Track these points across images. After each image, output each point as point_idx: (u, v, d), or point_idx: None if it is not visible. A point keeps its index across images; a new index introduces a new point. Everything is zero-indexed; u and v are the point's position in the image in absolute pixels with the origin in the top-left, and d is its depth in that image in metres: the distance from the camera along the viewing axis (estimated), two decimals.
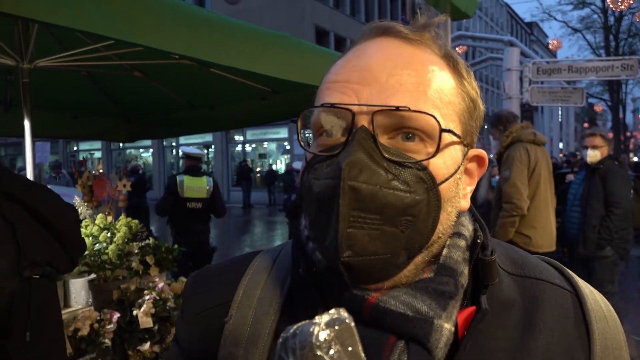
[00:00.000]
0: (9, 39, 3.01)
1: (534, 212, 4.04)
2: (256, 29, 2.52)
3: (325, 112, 0.63)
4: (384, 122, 0.60)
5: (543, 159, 4.13)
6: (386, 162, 0.58)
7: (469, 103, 0.67)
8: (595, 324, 0.66)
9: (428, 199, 0.60)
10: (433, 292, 0.61)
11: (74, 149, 30.91)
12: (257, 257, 0.78)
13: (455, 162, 0.64)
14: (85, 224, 3.34)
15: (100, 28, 1.76)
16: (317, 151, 0.64)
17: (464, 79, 0.67)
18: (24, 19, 1.77)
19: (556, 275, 0.72)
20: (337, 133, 0.62)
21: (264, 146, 25.40)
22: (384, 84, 0.61)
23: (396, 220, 0.58)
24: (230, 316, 0.70)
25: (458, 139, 0.64)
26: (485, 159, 0.71)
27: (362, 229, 0.56)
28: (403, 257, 0.60)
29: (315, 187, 0.61)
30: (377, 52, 0.64)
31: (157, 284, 3.04)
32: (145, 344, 2.84)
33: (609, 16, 31.53)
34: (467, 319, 0.63)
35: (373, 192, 0.57)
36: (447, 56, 0.67)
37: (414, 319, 0.59)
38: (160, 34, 1.99)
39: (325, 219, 0.58)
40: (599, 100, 39.89)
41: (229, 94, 4.17)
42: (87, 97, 4.57)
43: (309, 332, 0.45)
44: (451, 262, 0.64)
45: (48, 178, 12.61)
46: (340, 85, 0.63)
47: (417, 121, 0.59)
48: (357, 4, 27.48)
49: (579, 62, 9.77)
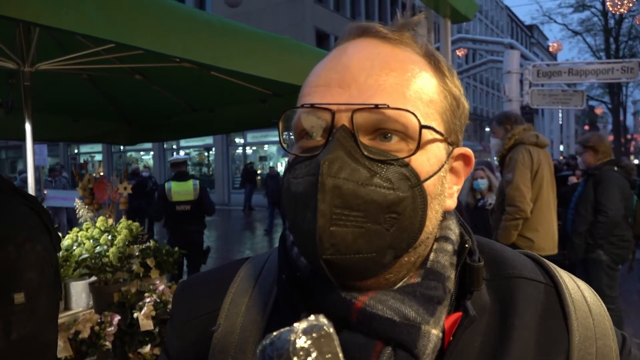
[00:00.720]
0: (11, 42, 3.03)
1: (536, 215, 4.03)
2: (257, 31, 2.53)
3: (306, 113, 0.62)
4: (364, 122, 0.59)
5: (545, 161, 4.12)
6: (367, 160, 0.58)
7: (452, 101, 0.66)
8: (574, 314, 0.66)
9: (413, 196, 0.59)
10: (421, 297, 0.61)
11: (74, 151, 30.94)
12: (245, 263, 0.78)
13: (439, 160, 0.64)
14: (86, 226, 3.35)
15: (101, 31, 1.77)
16: (299, 152, 0.63)
17: (445, 77, 0.67)
18: (26, 23, 1.77)
19: (532, 269, 0.71)
20: (317, 134, 0.62)
21: (264, 149, 25.40)
22: (362, 84, 0.60)
23: (380, 217, 0.57)
24: (219, 325, 0.70)
25: (441, 137, 0.64)
26: (471, 158, 0.70)
27: (345, 226, 0.56)
28: (389, 256, 0.59)
29: (293, 186, 0.60)
30: (356, 52, 0.63)
31: (157, 286, 3.04)
32: (145, 346, 2.84)
33: (609, 19, 31.56)
34: (453, 326, 0.62)
35: (354, 188, 0.56)
36: (428, 55, 0.66)
37: (402, 325, 0.58)
38: (161, 37, 1.99)
39: (304, 217, 0.58)
40: (599, 102, 39.88)
41: (230, 96, 4.18)
42: (88, 100, 4.58)
43: (286, 339, 0.44)
44: (438, 267, 0.64)
45: (44, 182, 12.57)
46: (320, 88, 0.63)
47: (397, 119, 0.59)
48: (357, 6, 27.54)
49: (579, 65, 9.78)
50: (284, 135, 0.65)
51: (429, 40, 0.67)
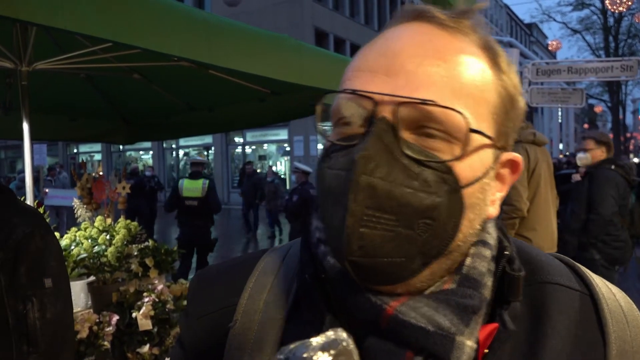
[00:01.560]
0: (8, 42, 3.01)
1: (534, 214, 4.01)
2: (255, 30, 2.52)
3: (346, 99, 0.58)
4: (407, 116, 0.55)
5: (543, 159, 4.10)
6: (406, 159, 0.54)
7: (506, 101, 0.61)
8: (612, 326, 0.61)
9: (449, 202, 0.55)
10: (456, 305, 0.57)
11: (73, 151, 30.91)
12: (263, 257, 0.74)
13: (484, 165, 0.59)
14: (84, 226, 3.34)
15: (98, 31, 1.76)
16: (336, 140, 0.59)
17: (503, 73, 0.61)
18: (22, 22, 1.77)
19: (567, 275, 0.66)
20: (356, 122, 0.58)
21: (264, 148, 25.39)
22: (411, 74, 0.55)
23: (414, 222, 0.53)
24: (236, 321, 0.67)
25: (489, 141, 0.58)
26: (519, 164, 0.65)
27: (375, 229, 0.52)
28: (417, 262, 0.56)
29: (327, 177, 0.57)
30: (408, 38, 0.58)
31: (156, 286, 3.03)
32: (144, 346, 2.83)
33: (608, 17, 31.56)
34: (488, 337, 0.59)
35: (390, 189, 0.52)
36: (486, 47, 0.61)
37: (435, 335, 0.54)
38: (158, 36, 1.98)
39: (334, 213, 0.54)
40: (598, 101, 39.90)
41: (228, 95, 4.17)
42: (86, 99, 4.56)
43: (302, 356, 0.41)
44: (475, 274, 0.60)
45: (44, 181, 12.58)
46: (365, 73, 0.58)
47: (444, 118, 0.54)
48: (356, 5, 27.49)
49: (578, 63, 9.77)
50: (320, 122, 0.62)
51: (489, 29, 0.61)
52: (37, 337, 1.37)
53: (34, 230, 1.44)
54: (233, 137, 25.19)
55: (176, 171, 27.67)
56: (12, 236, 1.40)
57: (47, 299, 1.41)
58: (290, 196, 7.78)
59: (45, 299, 1.41)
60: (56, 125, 4.90)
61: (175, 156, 27.94)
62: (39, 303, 1.39)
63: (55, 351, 1.42)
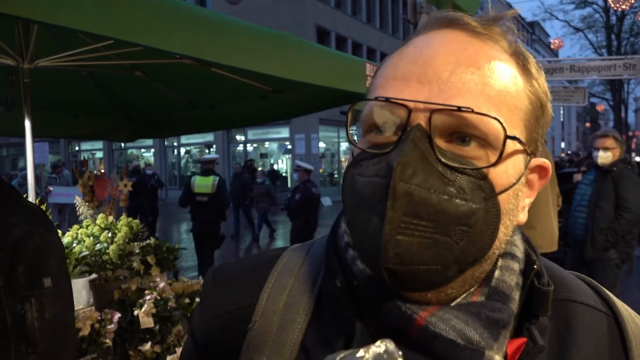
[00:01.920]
0: (10, 39, 3.01)
1: (532, 213, 3.94)
2: (257, 28, 2.51)
3: (379, 107, 0.58)
4: (442, 123, 0.55)
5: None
6: (442, 166, 0.53)
7: (537, 107, 0.61)
8: (636, 350, 0.62)
9: (486, 209, 0.55)
10: (486, 319, 0.56)
11: (75, 149, 30.93)
12: (282, 256, 0.73)
13: (517, 171, 0.59)
14: (86, 224, 3.34)
15: (100, 28, 1.75)
16: (366, 147, 0.59)
17: (533, 79, 0.61)
18: (23, 20, 1.77)
19: (591, 296, 0.67)
20: (389, 130, 0.57)
21: (265, 146, 25.39)
22: (445, 81, 0.55)
23: (450, 229, 0.53)
24: (254, 322, 0.66)
25: (522, 147, 0.59)
26: (548, 170, 0.65)
27: (412, 236, 0.52)
28: (453, 269, 0.55)
29: (359, 184, 0.56)
30: (441, 45, 0.58)
31: (158, 283, 3.03)
32: (146, 344, 2.83)
33: (610, 15, 31.47)
34: (516, 352, 0.58)
35: (426, 197, 0.52)
36: (517, 53, 0.61)
37: (465, 348, 0.54)
38: (160, 33, 1.98)
39: (369, 220, 0.54)
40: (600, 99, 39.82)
41: (230, 93, 4.17)
42: (88, 96, 4.56)
43: None
44: (504, 287, 0.59)
45: (48, 178, 12.61)
46: (398, 81, 0.58)
47: (479, 125, 0.54)
48: (358, 3, 27.45)
49: (580, 62, 9.75)
50: (350, 130, 0.61)
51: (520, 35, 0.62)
52: (36, 337, 1.35)
53: (33, 229, 1.42)
54: (234, 135, 25.19)
55: (177, 169, 27.68)
56: (10, 235, 1.37)
57: (46, 299, 1.39)
58: (292, 194, 7.80)
59: (44, 299, 1.39)
60: (58, 122, 4.90)
61: (177, 154, 27.95)
62: (38, 303, 1.37)
63: (55, 351, 1.41)
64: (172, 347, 2.89)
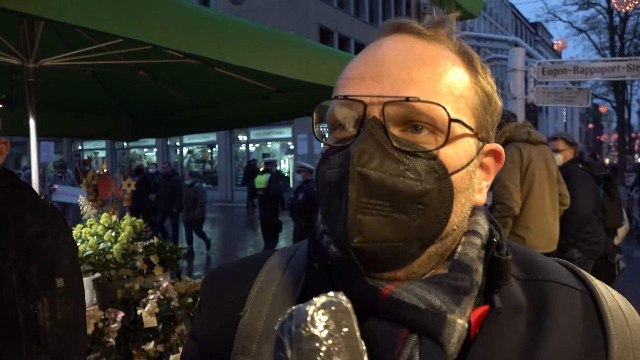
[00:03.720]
0: (15, 38, 3.02)
1: (527, 213, 3.97)
2: (261, 28, 2.52)
3: (339, 104, 0.65)
4: (394, 114, 0.61)
5: (539, 158, 4.04)
6: (397, 151, 0.60)
7: (484, 97, 0.68)
8: (612, 323, 0.65)
9: (439, 188, 0.60)
10: (447, 287, 0.62)
11: (78, 148, 31.00)
12: (273, 255, 0.80)
13: (469, 154, 0.65)
14: (89, 223, 3.35)
15: (107, 26, 1.76)
16: (332, 143, 0.65)
17: (478, 74, 0.68)
18: (32, 17, 1.78)
19: (567, 276, 0.71)
20: (349, 125, 0.64)
21: (267, 146, 25.40)
22: (395, 78, 0.62)
23: (406, 207, 0.58)
24: (246, 311, 0.72)
25: (471, 132, 0.65)
26: (502, 154, 0.71)
27: (371, 214, 0.57)
28: (416, 246, 0.61)
29: (327, 176, 0.62)
30: (391, 47, 0.65)
31: (161, 283, 3.04)
32: (149, 343, 2.84)
33: (614, 17, 31.43)
34: (480, 318, 0.63)
35: (382, 178, 0.58)
36: (462, 52, 0.68)
37: (427, 312, 0.59)
38: (167, 32, 1.99)
39: (336, 206, 0.60)
40: (604, 101, 39.75)
41: (233, 93, 4.18)
42: (92, 96, 4.57)
43: (304, 311, 0.45)
44: (466, 259, 0.65)
45: (53, 177, 12.66)
46: (355, 80, 0.65)
47: (427, 112, 0.60)
48: (361, 3, 27.46)
49: (584, 63, 9.73)
50: (318, 127, 0.68)
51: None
52: (47, 337, 1.36)
53: (46, 228, 1.43)
54: (237, 135, 25.21)
55: (180, 168, 27.73)
56: (24, 234, 1.38)
57: (58, 299, 1.40)
58: (295, 194, 7.85)
59: (56, 299, 1.39)
60: (62, 121, 4.91)
61: (179, 153, 27.99)
62: (50, 303, 1.38)
63: (66, 352, 1.41)
64: (175, 346, 2.90)
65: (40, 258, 1.39)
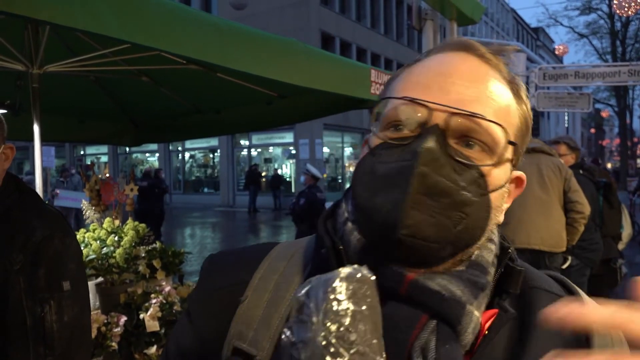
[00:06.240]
0: (19, 45, 3.05)
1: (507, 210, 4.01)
2: (263, 34, 2.54)
3: (404, 105, 0.66)
4: (457, 126, 0.64)
5: (530, 163, 4.09)
6: (453, 160, 0.63)
7: (524, 125, 0.72)
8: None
9: (481, 202, 0.64)
10: (467, 280, 0.64)
11: (80, 153, 31.03)
12: (277, 246, 0.81)
13: (506, 176, 0.70)
14: (92, 227, 3.36)
15: (115, 32, 1.78)
16: (388, 139, 0.67)
17: (523, 103, 0.72)
18: (43, 23, 1.80)
19: (555, 286, 0.75)
20: (409, 127, 0.66)
21: (269, 151, 25.42)
22: (462, 93, 0.65)
23: (451, 213, 0.61)
24: (246, 297, 0.72)
25: (512, 157, 0.70)
26: (523, 182, 0.76)
27: (422, 212, 0.60)
28: (448, 250, 0.63)
29: (381, 169, 0.64)
30: (457, 64, 0.69)
31: (163, 287, 3.05)
32: (151, 347, 2.85)
33: (615, 21, 31.47)
34: (488, 320, 0.66)
35: (439, 182, 0.61)
36: (513, 81, 0.72)
37: (449, 300, 0.62)
38: (172, 38, 2.01)
39: (387, 197, 0.62)
40: (605, 105, 39.72)
41: (235, 98, 4.19)
42: (95, 101, 4.60)
43: (331, 279, 0.46)
44: (482, 261, 0.68)
45: (56, 182, 12.70)
46: (421, 86, 0.67)
47: (487, 131, 0.64)
48: (362, 9, 27.51)
49: (585, 68, 9.73)
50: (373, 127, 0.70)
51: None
52: (54, 340, 1.38)
53: (53, 232, 1.45)
54: (239, 140, 25.23)
55: (182, 173, 27.74)
56: (31, 238, 1.40)
57: (64, 302, 1.42)
58: (297, 199, 7.82)
59: (63, 302, 1.42)
60: (65, 126, 4.93)
61: (181, 158, 28.01)
62: (57, 306, 1.40)
63: (72, 354, 1.43)
64: None
65: (48, 262, 1.41)
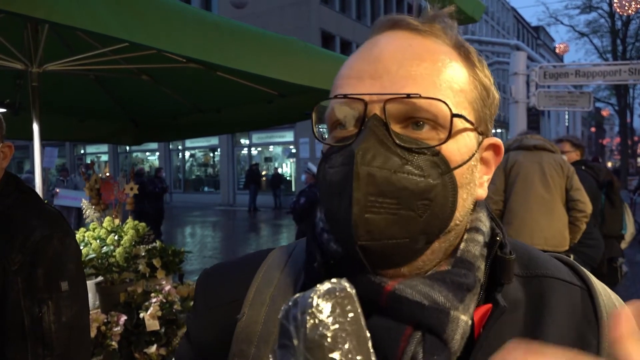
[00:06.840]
0: (19, 44, 3.04)
1: (510, 210, 4.15)
2: (264, 32, 2.53)
3: (339, 103, 0.64)
4: (395, 111, 0.61)
5: (531, 161, 4.17)
6: (399, 148, 0.59)
7: (482, 91, 0.67)
8: (606, 320, 0.65)
9: (443, 183, 0.60)
10: (451, 283, 0.61)
11: (80, 152, 31.05)
12: (270, 254, 0.78)
13: (470, 149, 0.65)
14: (92, 226, 3.36)
15: (114, 31, 1.78)
16: (333, 142, 0.65)
17: (476, 67, 0.68)
18: (40, 21, 1.79)
19: (565, 272, 0.71)
20: (350, 124, 0.63)
21: (269, 150, 25.43)
22: (394, 75, 0.62)
23: (413, 204, 0.58)
24: (243, 314, 0.70)
25: (471, 126, 0.65)
26: (501, 148, 0.71)
27: (379, 213, 0.57)
28: (421, 241, 0.61)
29: (329, 175, 0.62)
30: (388, 44, 0.65)
31: (163, 286, 3.05)
32: (152, 346, 2.84)
33: (616, 20, 31.45)
34: (483, 317, 0.63)
35: (387, 176, 0.57)
36: (458, 45, 0.67)
37: (430, 309, 0.59)
38: (172, 37, 2.00)
39: (339, 205, 0.59)
40: (606, 104, 39.71)
41: (236, 97, 4.19)
42: (95, 100, 4.59)
43: (309, 298, 0.45)
44: (469, 256, 0.65)
45: (55, 181, 12.70)
46: (353, 79, 0.64)
47: (428, 108, 0.60)
48: (363, 8, 27.51)
49: (586, 67, 9.71)
50: (317, 128, 0.67)
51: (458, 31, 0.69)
52: (52, 340, 1.38)
53: (52, 232, 1.45)
54: (239, 139, 25.23)
55: (182, 172, 27.75)
56: (30, 238, 1.40)
57: (63, 302, 1.42)
58: (297, 198, 7.83)
59: (61, 302, 1.41)
60: (65, 125, 4.92)
61: (182, 157, 28.02)
62: (55, 306, 1.40)
63: (70, 354, 1.43)
64: None
65: (46, 262, 1.41)
